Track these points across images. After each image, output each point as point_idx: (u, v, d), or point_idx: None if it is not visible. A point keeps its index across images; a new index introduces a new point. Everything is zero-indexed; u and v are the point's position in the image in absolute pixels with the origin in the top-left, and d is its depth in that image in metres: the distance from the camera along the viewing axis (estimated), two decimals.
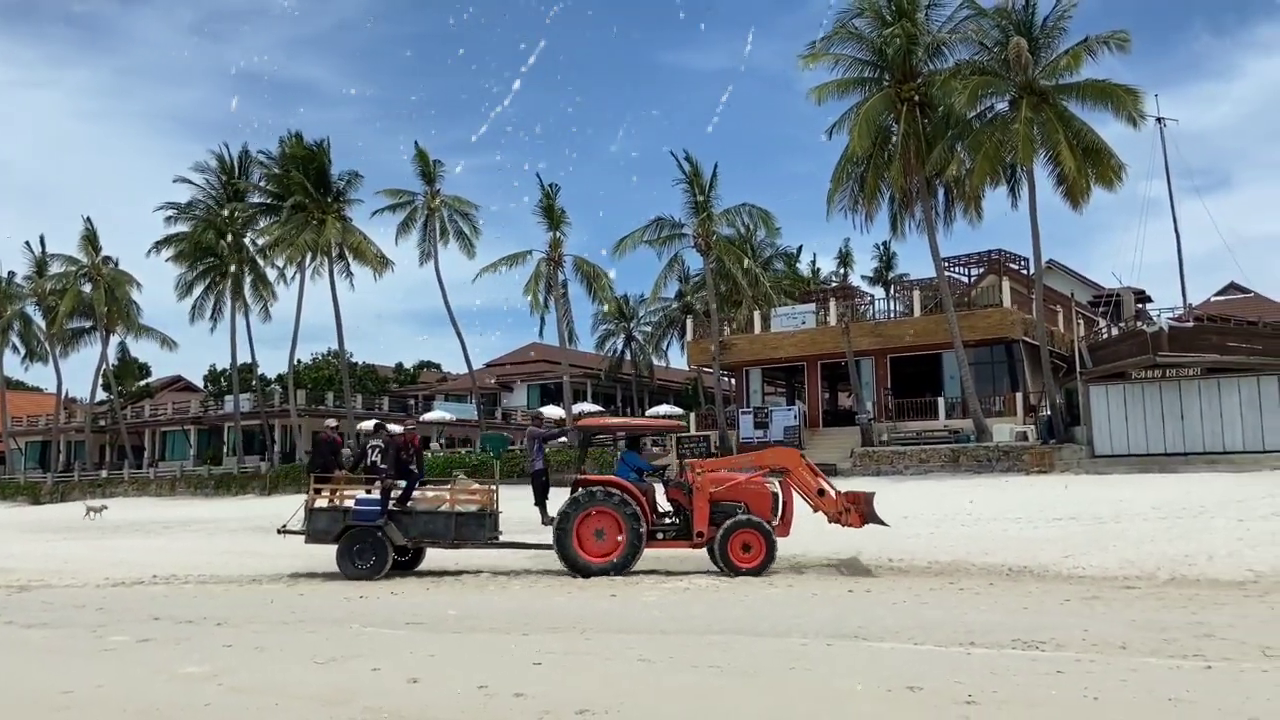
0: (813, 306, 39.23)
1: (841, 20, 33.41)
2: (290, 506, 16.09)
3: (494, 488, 14.26)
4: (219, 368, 70.08)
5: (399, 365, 77.06)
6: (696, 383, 54.89)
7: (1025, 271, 36.27)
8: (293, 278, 48.13)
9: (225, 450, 54.66)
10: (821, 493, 13.35)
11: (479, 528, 13.64)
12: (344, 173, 47.54)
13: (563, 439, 14.49)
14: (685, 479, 13.28)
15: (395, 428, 15.99)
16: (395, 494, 13.66)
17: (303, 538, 14.03)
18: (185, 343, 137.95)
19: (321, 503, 13.85)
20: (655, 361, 59.36)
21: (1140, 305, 40.22)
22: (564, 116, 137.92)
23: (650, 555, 13.38)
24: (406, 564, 14.18)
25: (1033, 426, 30.65)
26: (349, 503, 13.71)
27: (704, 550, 13.19)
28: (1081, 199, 30.62)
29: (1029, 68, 30.25)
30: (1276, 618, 8.45)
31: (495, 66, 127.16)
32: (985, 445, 29.56)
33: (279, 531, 14.75)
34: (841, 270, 57.61)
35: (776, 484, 13.50)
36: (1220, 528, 14.38)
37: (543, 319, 44.91)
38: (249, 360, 53.42)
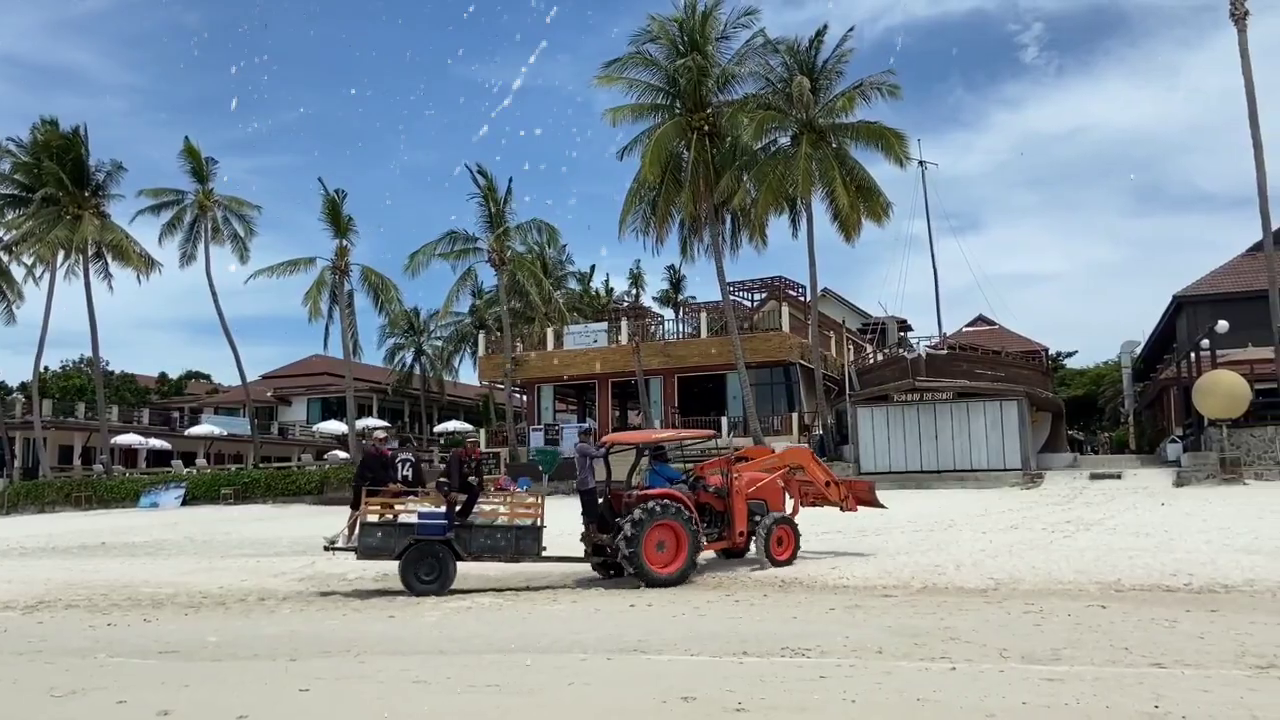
0: (605, 325, 39.85)
1: (637, 43, 34.23)
2: (34, 526, 14.59)
3: (542, 501, 13.92)
4: None
5: (162, 375, 71.75)
6: (488, 399, 54.38)
7: (803, 298, 38.32)
8: (41, 277, 43.87)
9: None
10: (828, 484, 15.23)
11: (534, 541, 13.33)
12: (104, 164, 43.95)
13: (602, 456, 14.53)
14: (719, 484, 14.02)
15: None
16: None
17: (351, 555, 13.26)
18: None
19: (373, 518, 12.89)
20: (446, 377, 58.31)
21: (902, 333, 43.48)
22: (356, 122, 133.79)
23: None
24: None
25: (807, 445, 32.31)
26: (405, 517, 12.93)
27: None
28: (854, 232, 32.72)
29: (810, 106, 32.09)
30: (1012, 622, 9.23)
31: (285, 65, 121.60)
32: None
33: (326, 548, 13.58)
34: (633, 291, 58.83)
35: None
36: (966, 540, 15.65)
37: (326, 329, 43.18)
38: None
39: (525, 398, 42.85)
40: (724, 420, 35.65)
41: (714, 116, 33.78)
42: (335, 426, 50.73)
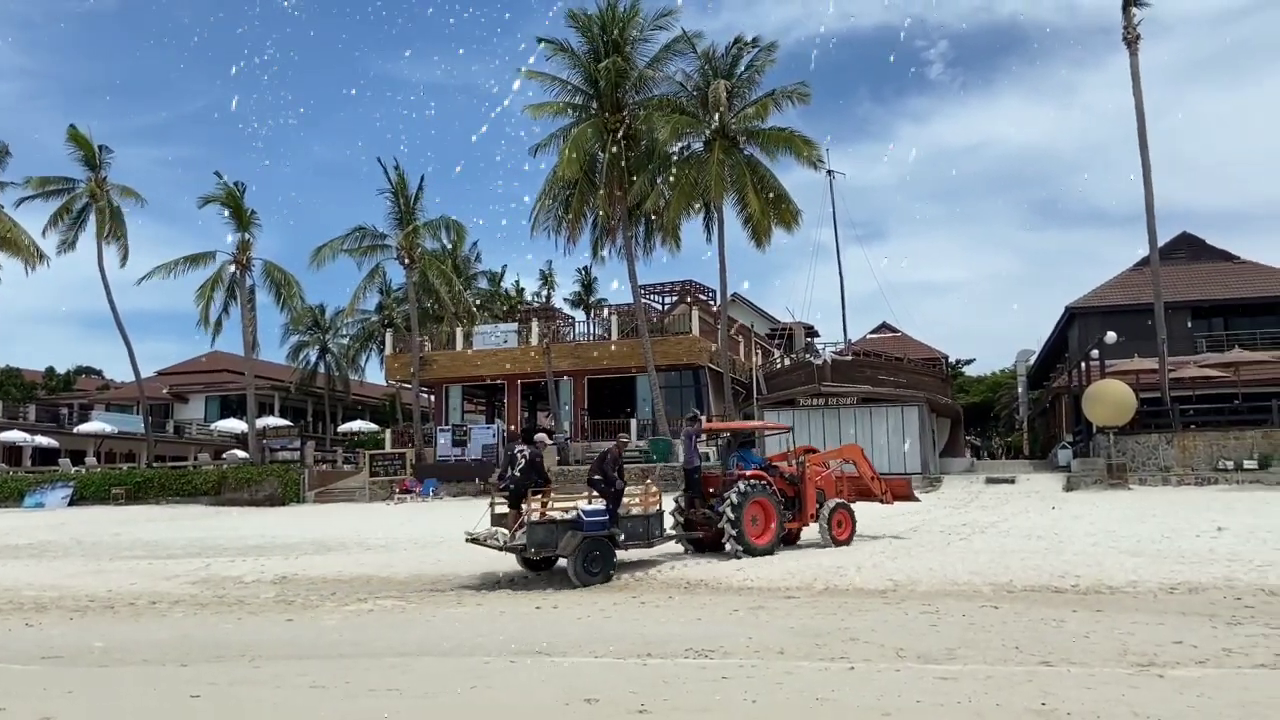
0: (515, 326, 39.55)
1: (560, 37, 33.99)
2: None
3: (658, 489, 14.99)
4: None
5: (50, 370, 68.51)
6: (394, 399, 53.44)
7: (713, 303, 38.69)
8: None
9: None
10: (873, 478, 17.25)
11: (660, 525, 14.43)
12: None
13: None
14: (793, 471, 15.77)
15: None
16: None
17: (499, 551, 13.73)
18: None
19: (536, 515, 13.30)
20: (352, 376, 57.13)
21: (809, 339, 44.25)
22: (267, 115, 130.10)
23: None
24: (540, 563, 13.97)
25: (714, 448, 32.58)
26: (559, 514, 13.44)
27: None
28: (764, 239, 33.20)
29: (725, 112, 32.44)
30: (909, 622, 9.45)
31: (192, 52, 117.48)
32: (672, 465, 31.02)
33: (504, 547, 13.53)
34: (544, 292, 58.52)
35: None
36: (867, 542, 15.97)
37: (207, 322, 40.97)
38: None
39: (433, 398, 42.26)
40: (634, 422, 35.74)
41: (630, 119, 33.88)
42: (234, 425, 49.18)
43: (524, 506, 13.31)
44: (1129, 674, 6.91)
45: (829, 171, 42.76)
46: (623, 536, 13.66)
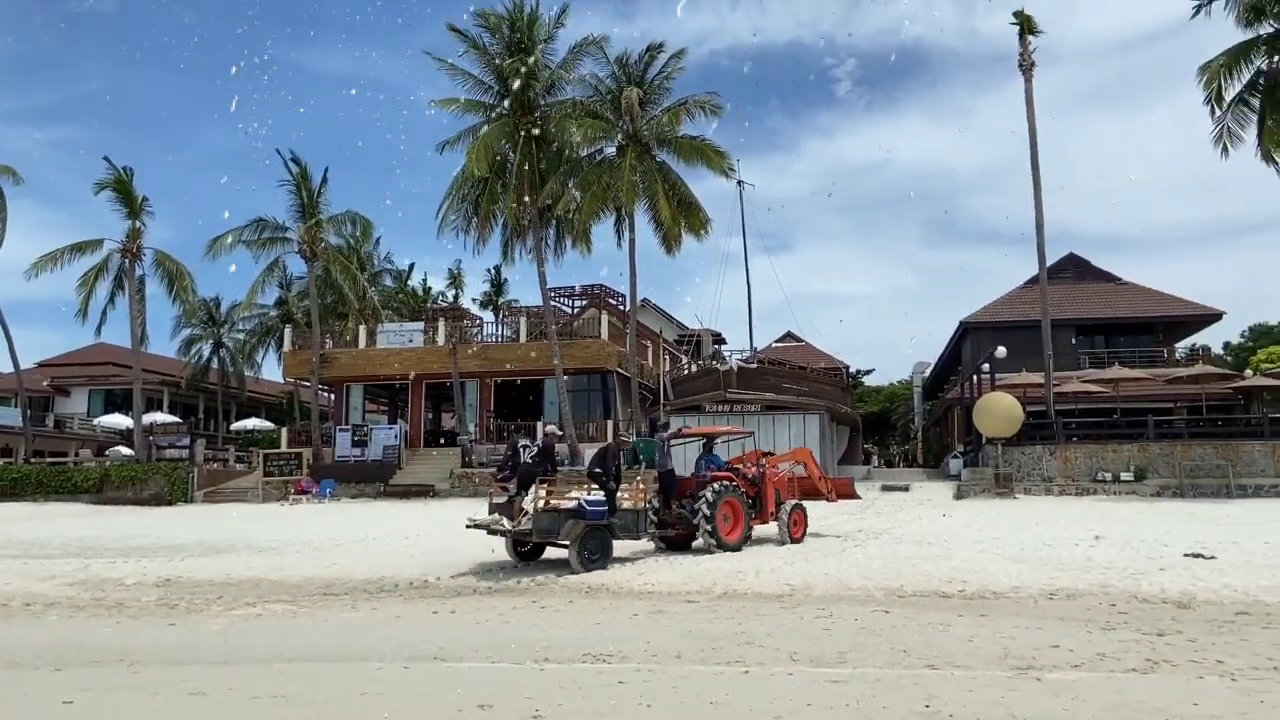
0: (421, 325, 38.97)
1: (472, 21, 33.58)
2: None
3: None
4: None
5: None
6: (292, 397, 52.04)
7: (623, 307, 38.77)
8: None
9: None
10: (820, 478, 18.62)
11: (645, 520, 15.24)
12: None
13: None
14: (755, 473, 16.80)
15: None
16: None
17: (502, 535, 14.48)
18: None
19: (542, 504, 13.84)
20: (247, 372, 55.37)
21: (716, 346, 44.75)
22: (158, 101, 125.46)
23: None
24: (529, 553, 14.81)
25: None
26: (564, 503, 13.96)
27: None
28: (675, 245, 33.47)
29: (637, 118, 32.59)
30: (804, 626, 9.62)
31: (90, 33, 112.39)
32: (577, 469, 30.99)
33: (509, 532, 14.15)
34: (452, 291, 57.82)
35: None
36: (767, 547, 16.22)
37: (85, 313, 39.13)
38: None
39: (333, 396, 41.30)
40: (539, 425, 35.53)
41: (541, 120, 33.72)
42: (119, 420, 47.19)
43: (531, 491, 13.81)
44: (1009, 677, 7.15)
45: (739, 182, 43.35)
46: (619, 527, 14.31)
